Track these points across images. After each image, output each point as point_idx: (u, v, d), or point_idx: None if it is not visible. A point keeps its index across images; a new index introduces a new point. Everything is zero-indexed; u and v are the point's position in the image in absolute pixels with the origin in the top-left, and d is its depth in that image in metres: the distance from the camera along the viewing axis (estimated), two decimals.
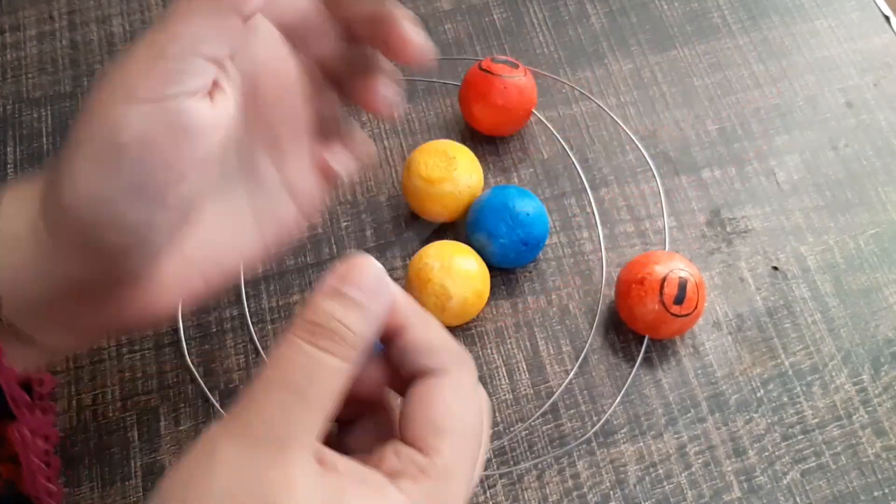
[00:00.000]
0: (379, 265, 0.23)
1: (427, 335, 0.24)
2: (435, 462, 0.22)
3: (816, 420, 0.44)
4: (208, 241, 0.30)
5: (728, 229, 0.50)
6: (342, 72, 0.31)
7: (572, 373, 0.45)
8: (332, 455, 0.21)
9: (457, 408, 0.23)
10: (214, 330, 0.46)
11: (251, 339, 0.46)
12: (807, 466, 0.43)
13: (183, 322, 0.46)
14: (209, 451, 0.20)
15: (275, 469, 0.20)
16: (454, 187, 0.45)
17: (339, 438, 0.26)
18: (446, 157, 0.46)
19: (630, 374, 0.45)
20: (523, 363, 0.46)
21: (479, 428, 0.23)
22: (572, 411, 0.44)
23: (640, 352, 0.46)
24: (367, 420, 0.26)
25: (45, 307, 0.27)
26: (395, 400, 0.26)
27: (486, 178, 0.50)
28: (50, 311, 0.27)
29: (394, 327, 0.24)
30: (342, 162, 0.32)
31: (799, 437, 0.44)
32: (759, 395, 0.45)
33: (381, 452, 0.22)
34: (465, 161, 0.46)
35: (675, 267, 0.43)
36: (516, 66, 0.49)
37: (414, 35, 0.28)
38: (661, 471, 0.43)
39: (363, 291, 0.22)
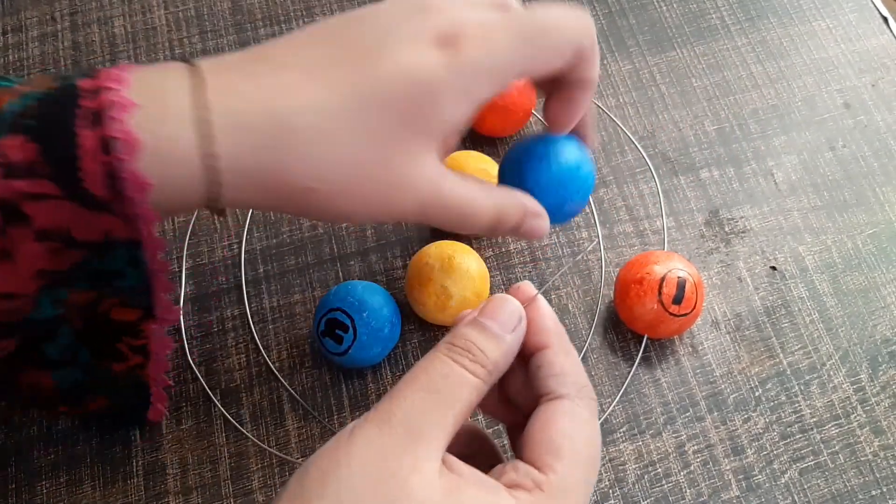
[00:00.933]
0: (518, 304, 0.27)
1: (563, 360, 0.26)
2: (550, 479, 0.23)
3: (814, 419, 0.45)
4: None
5: (726, 229, 0.50)
6: None
7: None
8: (455, 459, 0.24)
9: (574, 433, 0.25)
10: (216, 329, 0.46)
11: (252, 339, 0.46)
12: (805, 465, 0.43)
13: (184, 321, 0.46)
14: (350, 432, 0.23)
15: (407, 454, 0.22)
16: None
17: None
18: (478, 164, 0.46)
19: (629, 373, 0.45)
20: None
21: (594, 457, 0.25)
22: None
23: (638, 351, 0.46)
24: (479, 458, 0.27)
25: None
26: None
27: None
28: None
29: (536, 345, 0.27)
30: None
31: (797, 436, 0.44)
32: (757, 394, 0.45)
33: (500, 469, 0.24)
34: (494, 168, 0.47)
35: (673, 267, 0.43)
36: None
37: None
38: (659, 469, 0.43)
39: (499, 324, 0.26)
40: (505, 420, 0.30)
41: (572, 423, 0.25)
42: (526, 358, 0.27)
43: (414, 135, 0.27)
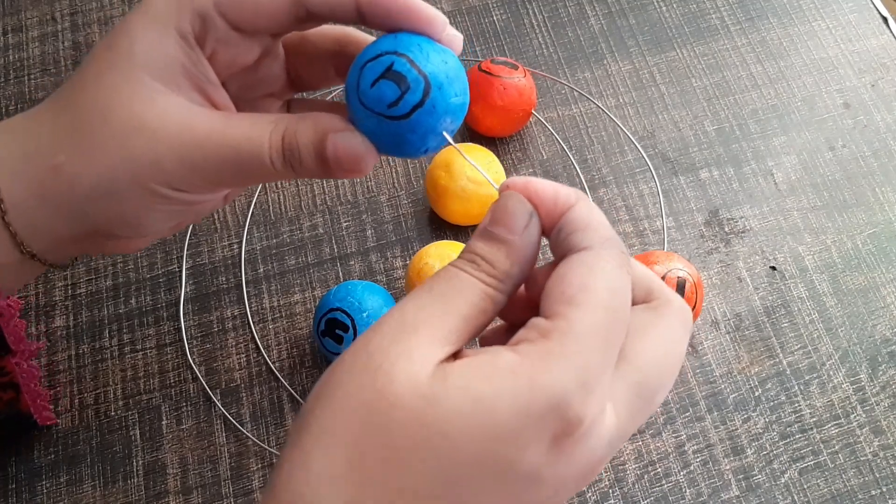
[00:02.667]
0: (523, 200, 0.24)
1: (588, 215, 0.24)
2: (558, 324, 0.21)
3: (814, 419, 0.45)
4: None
5: (726, 229, 0.50)
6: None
7: None
8: (464, 352, 0.22)
9: (594, 281, 0.22)
10: (216, 329, 0.46)
11: (253, 339, 0.46)
12: (804, 465, 0.43)
13: (185, 321, 0.46)
14: (355, 340, 0.22)
15: (394, 348, 0.21)
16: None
17: None
18: (487, 159, 0.46)
19: None
20: None
21: (619, 302, 0.22)
22: None
23: None
24: None
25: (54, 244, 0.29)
26: None
27: None
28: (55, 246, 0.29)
29: (561, 210, 0.24)
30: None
31: (797, 436, 0.44)
32: (756, 394, 0.45)
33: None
34: (497, 164, 0.47)
35: (673, 267, 0.43)
36: (516, 68, 0.49)
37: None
38: (659, 469, 0.43)
39: (506, 228, 0.23)
40: None
41: (591, 271, 0.22)
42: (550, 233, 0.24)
43: None
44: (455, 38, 0.27)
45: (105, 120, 0.26)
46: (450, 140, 0.26)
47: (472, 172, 0.45)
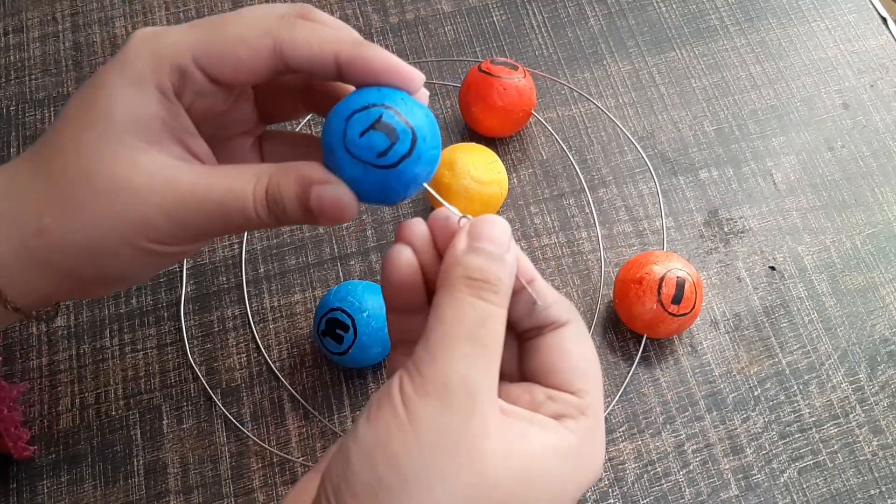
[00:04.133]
0: (503, 220, 0.25)
1: (550, 289, 0.26)
2: (589, 402, 0.24)
3: (813, 418, 0.45)
4: None
5: (725, 229, 0.50)
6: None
7: None
8: (502, 402, 0.23)
9: (591, 355, 0.26)
10: (217, 329, 0.46)
11: (253, 338, 0.46)
12: (804, 464, 0.44)
13: (185, 321, 0.46)
14: (405, 412, 0.22)
15: (472, 420, 0.22)
16: (500, 189, 0.46)
17: None
18: (489, 158, 0.46)
19: (628, 372, 0.46)
20: None
21: (600, 369, 0.26)
22: None
23: (638, 351, 0.46)
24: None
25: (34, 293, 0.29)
26: None
27: None
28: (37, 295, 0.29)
29: (525, 279, 0.26)
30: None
31: (796, 436, 0.44)
32: (756, 393, 0.45)
33: (528, 397, 0.25)
34: (500, 164, 0.47)
35: (672, 267, 0.43)
36: (516, 68, 0.49)
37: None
38: (659, 469, 0.43)
39: (496, 245, 0.24)
40: None
41: (587, 346, 0.26)
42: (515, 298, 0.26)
43: None
44: (425, 94, 0.28)
45: (89, 183, 0.26)
46: (430, 190, 0.27)
47: (476, 172, 0.45)
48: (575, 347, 0.25)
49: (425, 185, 0.26)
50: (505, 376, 0.26)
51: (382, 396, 0.22)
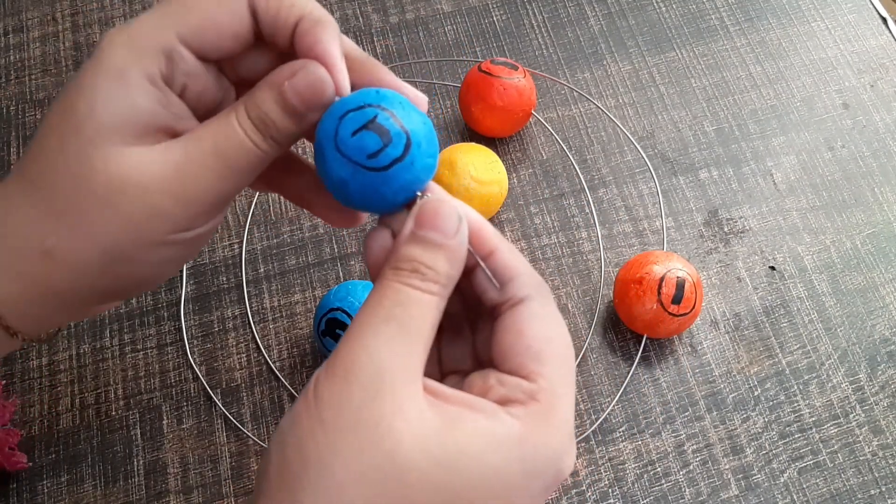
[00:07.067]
0: (454, 204, 0.24)
1: (514, 261, 0.25)
2: (541, 386, 0.23)
3: (813, 418, 0.45)
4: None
5: (725, 229, 0.50)
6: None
7: None
8: (439, 386, 0.22)
9: (551, 333, 0.24)
10: (217, 329, 0.46)
11: (253, 338, 0.46)
12: (804, 464, 0.44)
13: (185, 321, 0.46)
14: (314, 392, 0.21)
15: (378, 398, 0.21)
16: (500, 189, 0.46)
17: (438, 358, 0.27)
18: (489, 158, 0.46)
19: (628, 372, 0.46)
20: None
21: (570, 351, 0.24)
22: None
23: (638, 351, 0.46)
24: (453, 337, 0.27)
25: (38, 318, 0.28)
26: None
27: None
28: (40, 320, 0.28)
29: (482, 253, 0.25)
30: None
31: (796, 436, 0.44)
32: (756, 393, 0.45)
33: (481, 382, 0.23)
34: (500, 164, 0.47)
35: (672, 267, 0.43)
36: (516, 68, 0.49)
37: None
38: (659, 469, 0.43)
39: (440, 232, 0.23)
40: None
41: (546, 324, 0.24)
42: (469, 268, 0.25)
43: None
44: (424, 101, 0.27)
45: (86, 190, 0.25)
46: (427, 198, 0.26)
47: (476, 172, 0.45)
48: (529, 327, 0.24)
49: (419, 194, 0.25)
50: (485, 364, 0.25)
51: (309, 382, 0.22)
